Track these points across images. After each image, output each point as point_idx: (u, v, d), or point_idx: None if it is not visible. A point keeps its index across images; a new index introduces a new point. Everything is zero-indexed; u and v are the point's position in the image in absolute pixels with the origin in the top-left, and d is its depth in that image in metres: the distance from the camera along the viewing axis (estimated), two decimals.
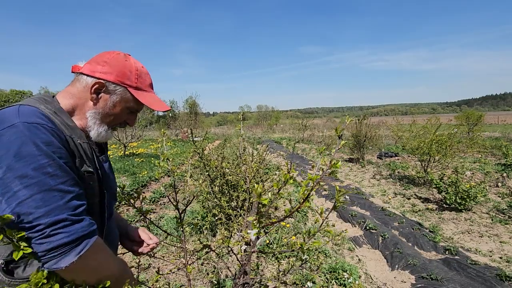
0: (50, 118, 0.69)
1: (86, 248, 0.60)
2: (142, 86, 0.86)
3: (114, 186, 0.98)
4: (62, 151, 0.65)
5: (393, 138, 13.89)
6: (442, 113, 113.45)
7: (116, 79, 0.81)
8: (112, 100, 0.83)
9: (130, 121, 0.93)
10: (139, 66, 0.87)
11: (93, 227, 0.64)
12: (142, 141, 16.69)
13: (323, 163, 0.67)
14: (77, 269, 0.61)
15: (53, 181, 0.59)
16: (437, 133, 6.15)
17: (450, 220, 4.25)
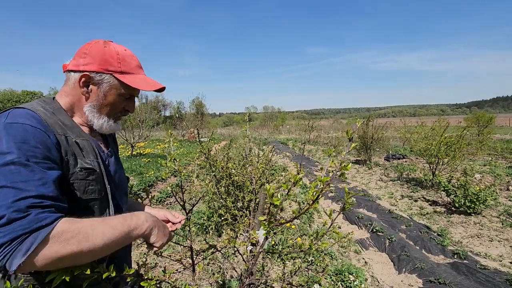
0: (41, 119, 0.70)
1: (33, 246, 0.54)
2: (127, 70, 0.84)
3: (121, 181, 0.96)
4: (38, 150, 0.63)
5: (400, 140, 13.73)
6: (451, 115, 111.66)
7: (99, 68, 0.80)
8: (102, 90, 0.83)
9: (129, 107, 0.92)
10: (120, 50, 0.84)
11: (42, 222, 0.56)
12: (149, 141, 16.86)
13: (332, 165, 0.67)
14: (40, 265, 0.56)
15: (9, 179, 0.58)
16: (446, 135, 6.06)
17: (459, 223, 4.18)
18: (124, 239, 0.69)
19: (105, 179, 0.83)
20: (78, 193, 0.75)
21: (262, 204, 1.69)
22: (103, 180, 0.82)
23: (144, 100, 23.21)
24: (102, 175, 0.82)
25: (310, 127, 19.05)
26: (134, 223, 0.72)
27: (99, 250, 0.63)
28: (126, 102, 0.89)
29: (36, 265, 0.56)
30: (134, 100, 0.93)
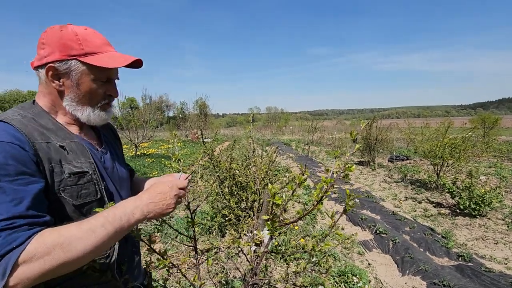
0: (15, 130, 0.66)
1: (8, 268, 0.52)
2: (92, 50, 0.76)
3: (122, 177, 0.92)
4: (10, 168, 0.59)
5: (405, 141, 13.65)
6: (456, 116, 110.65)
7: (61, 56, 0.73)
8: (73, 79, 0.76)
9: (111, 92, 0.84)
10: (80, 30, 0.76)
11: (12, 244, 0.54)
12: (153, 142, 16.95)
13: (336, 166, 0.68)
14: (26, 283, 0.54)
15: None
16: (451, 137, 6.02)
17: (463, 226, 4.15)
18: (111, 237, 0.63)
19: (100, 179, 0.79)
20: (71, 199, 0.71)
21: (266, 204, 1.69)
22: (99, 180, 0.79)
23: (148, 100, 23.29)
24: (98, 175, 0.79)
25: (314, 128, 19.02)
26: (119, 218, 0.65)
27: (86, 255, 0.59)
28: (106, 87, 0.82)
29: (23, 284, 0.54)
30: (114, 83, 0.86)
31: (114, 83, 0.86)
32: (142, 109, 13.49)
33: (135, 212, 0.69)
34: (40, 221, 0.61)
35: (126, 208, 0.68)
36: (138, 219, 0.69)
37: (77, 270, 0.69)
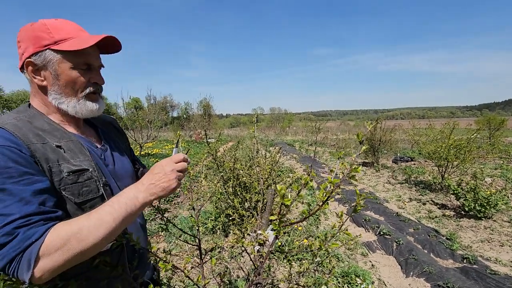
0: (10, 133, 0.67)
1: (32, 261, 0.56)
2: (63, 36, 0.75)
3: (124, 172, 0.92)
4: (11, 170, 0.61)
5: (409, 142, 13.56)
6: (462, 117, 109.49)
7: (35, 49, 0.73)
8: (52, 70, 0.75)
9: (95, 79, 0.82)
10: (49, 21, 0.75)
11: (31, 239, 0.57)
12: (157, 142, 17.05)
13: (342, 167, 0.69)
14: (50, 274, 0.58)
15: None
16: (456, 138, 5.97)
17: (468, 227, 4.12)
18: (119, 222, 0.65)
19: (101, 176, 0.80)
20: (72, 197, 0.72)
21: (270, 204, 1.70)
22: (99, 177, 0.79)
23: (153, 101, 23.43)
24: (98, 172, 0.79)
25: (317, 128, 18.98)
26: (124, 204, 0.67)
27: (99, 243, 0.62)
28: (88, 75, 0.80)
29: (48, 274, 0.58)
30: (96, 69, 0.83)
31: (96, 69, 0.83)
32: (147, 109, 13.58)
33: (138, 196, 0.69)
34: (53, 216, 0.63)
35: (129, 194, 0.70)
36: (143, 202, 0.70)
37: (90, 264, 0.73)
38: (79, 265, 0.67)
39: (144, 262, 0.97)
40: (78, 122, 0.86)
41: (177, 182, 0.75)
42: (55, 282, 0.70)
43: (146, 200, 0.70)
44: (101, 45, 0.81)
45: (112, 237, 0.65)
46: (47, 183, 0.67)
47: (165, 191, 0.73)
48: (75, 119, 0.84)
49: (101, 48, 0.83)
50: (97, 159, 0.82)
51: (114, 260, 0.81)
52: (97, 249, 0.63)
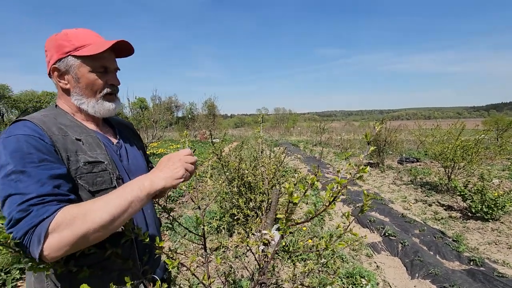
0: (35, 126, 0.74)
1: (42, 235, 0.60)
2: (82, 43, 0.83)
3: (137, 168, 0.98)
4: (32, 156, 0.68)
5: (414, 143, 13.43)
6: (469, 118, 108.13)
7: (59, 56, 0.82)
8: (73, 74, 0.84)
9: (112, 81, 0.90)
10: (70, 31, 0.84)
11: (43, 215, 0.62)
12: (162, 142, 17.16)
13: (349, 167, 0.69)
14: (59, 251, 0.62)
15: (13, 187, 0.65)
16: (463, 139, 5.90)
17: (475, 229, 4.07)
18: (126, 205, 0.68)
19: (115, 169, 0.86)
20: (87, 186, 0.78)
21: (275, 204, 1.71)
22: (113, 170, 0.85)
23: (158, 101, 23.58)
24: (113, 166, 0.85)
25: (322, 129, 18.92)
26: (130, 190, 0.71)
27: (104, 224, 0.65)
28: (105, 77, 0.88)
29: (55, 252, 0.62)
30: (112, 72, 0.91)
31: (114, 73, 0.91)
32: (152, 109, 13.67)
33: (145, 182, 0.73)
34: (65, 198, 0.69)
35: (137, 180, 0.74)
36: (150, 188, 0.72)
37: (103, 255, 0.77)
38: (94, 255, 0.75)
39: (154, 259, 1.00)
40: (98, 121, 0.94)
41: (184, 171, 0.78)
42: (70, 268, 0.74)
43: (153, 186, 0.73)
44: (116, 50, 0.89)
45: (117, 220, 0.67)
46: (64, 170, 0.73)
47: (172, 178, 0.76)
48: (95, 118, 0.92)
49: (116, 52, 0.91)
50: (112, 154, 0.90)
51: (125, 253, 0.85)
52: (103, 231, 0.66)
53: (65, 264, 0.74)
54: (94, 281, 0.74)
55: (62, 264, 0.73)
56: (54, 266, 0.70)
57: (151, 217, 1.02)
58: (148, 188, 0.72)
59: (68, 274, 0.75)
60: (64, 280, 0.77)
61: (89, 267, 0.77)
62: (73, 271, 0.75)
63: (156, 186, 0.73)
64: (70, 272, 0.75)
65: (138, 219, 0.94)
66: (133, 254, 0.89)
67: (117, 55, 0.92)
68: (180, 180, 0.77)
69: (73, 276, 0.75)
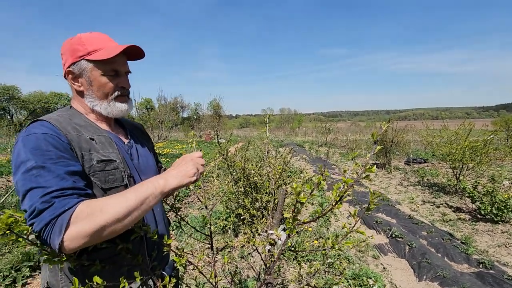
0: (52, 125, 0.78)
1: (64, 225, 0.63)
2: (94, 48, 0.86)
3: (147, 167, 1.01)
4: (51, 153, 0.72)
5: (422, 144, 13.28)
6: (478, 118, 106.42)
7: (73, 59, 0.85)
8: (86, 77, 0.87)
9: (123, 84, 0.93)
10: (83, 35, 0.88)
11: (65, 207, 0.66)
12: (168, 142, 17.27)
13: (355, 167, 0.69)
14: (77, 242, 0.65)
15: (34, 181, 0.68)
16: (471, 139, 5.80)
17: (484, 232, 4.00)
18: (141, 201, 0.71)
19: (126, 168, 0.89)
20: (99, 183, 0.81)
21: (281, 204, 1.71)
22: (124, 168, 0.88)
23: (164, 101, 23.75)
24: (124, 164, 0.89)
25: (327, 129, 18.82)
26: (145, 187, 0.75)
27: (120, 217, 0.68)
28: (117, 80, 0.91)
29: (74, 242, 0.64)
30: (123, 75, 0.94)
31: (125, 75, 0.94)
32: (158, 110, 13.78)
33: (159, 180, 0.77)
34: (83, 193, 0.73)
35: (152, 179, 0.78)
36: (164, 185, 0.77)
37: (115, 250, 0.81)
38: (105, 250, 0.80)
39: (162, 256, 1.03)
40: (110, 121, 0.98)
41: (195, 170, 0.84)
42: (82, 262, 0.77)
43: (167, 184, 0.77)
44: (127, 53, 0.92)
45: (132, 214, 0.70)
46: (79, 167, 0.77)
47: (185, 176, 0.81)
48: (107, 119, 0.96)
49: (127, 55, 0.94)
50: (124, 153, 0.93)
51: (135, 249, 0.88)
52: (119, 224, 0.69)
53: (78, 258, 0.77)
54: (105, 276, 0.76)
55: (75, 258, 0.76)
56: (68, 259, 0.73)
57: (160, 215, 1.05)
58: (162, 186, 0.76)
59: (80, 268, 0.79)
60: (77, 274, 0.80)
61: (101, 262, 0.80)
62: (85, 265, 0.78)
63: (170, 184, 0.78)
64: (83, 266, 0.78)
65: (147, 217, 0.96)
66: (143, 250, 0.91)
67: (129, 58, 0.95)
68: (193, 179, 0.82)
69: (86, 270, 0.79)
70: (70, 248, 0.64)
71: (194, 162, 0.85)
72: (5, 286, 2.67)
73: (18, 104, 42.66)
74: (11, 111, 43.12)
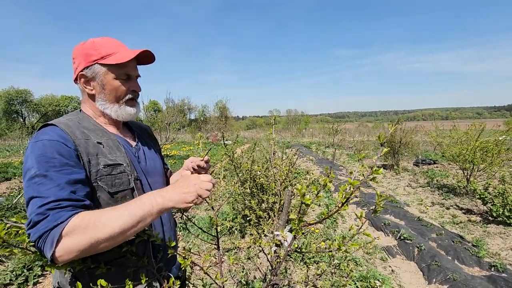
0: (61, 130, 0.79)
1: (55, 239, 0.64)
2: (107, 52, 0.88)
3: (155, 170, 1.03)
4: (55, 160, 0.73)
5: (431, 144, 13.06)
6: (489, 118, 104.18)
7: (86, 63, 0.87)
8: (99, 81, 0.88)
9: (134, 87, 0.95)
10: (97, 40, 0.90)
11: (58, 221, 0.66)
12: (175, 144, 17.42)
13: (362, 169, 0.69)
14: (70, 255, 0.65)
15: (35, 190, 0.69)
16: (482, 140, 5.69)
17: (496, 234, 3.91)
18: (137, 220, 0.71)
19: (133, 171, 0.89)
20: (106, 187, 0.82)
21: (287, 205, 1.71)
22: (131, 171, 0.88)
23: (171, 103, 23.94)
24: (131, 168, 0.89)
25: (334, 130, 18.69)
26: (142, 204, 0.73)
27: (114, 235, 0.68)
28: (128, 84, 0.93)
29: (66, 255, 0.65)
30: (134, 79, 0.96)
31: (136, 79, 0.96)
32: (165, 112, 13.92)
33: (158, 199, 0.75)
34: (80, 204, 0.72)
35: (150, 196, 0.76)
36: (161, 206, 0.75)
37: (119, 253, 0.82)
38: (110, 253, 0.78)
39: (169, 257, 1.02)
40: (119, 125, 1.00)
41: (194, 197, 0.78)
42: (87, 264, 0.78)
43: (164, 204, 0.75)
44: (138, 58, 0.93)
45: (127, 231, 0.70)
46: (82, 175, 0.77)
47: (181, 201, 0.77)
48: (116, 122, 0.98)
49: (138, 60, 0.96)
50: (131, 156, 0.94)
51: (140, 251, 0.89)
52: (113, 240, 0.69)
53: (83, 261, 0.78)
54: (110, 277, 0.78)
55: (80, 262, 0.77)
56: (71, 264, 0.74)
57: (166, 217, 1.05)
58: (160, 205, 0.75)
59: (86, 270, 0.80)
60: (83, 275, 0.81)
61: (106, 264, 0.81)
62: (91, 267, 0.79)
63: (167, 205, 0.76)
64: (89, 268, 0.79)
65: None
66: (148, 252, 0.92)
67: (139, 63, 0.97)
68: (189, 205, 0.78)
69: (92, 272, 0.80)
70: (62, 260, 0.66)
71: (197, 187, 0.78)
72: (18, 284, 2.74)
73: (31, 107, 43.73)
74: (23, 114, 44.22)
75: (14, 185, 7.02)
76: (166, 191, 0.78)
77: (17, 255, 3.28)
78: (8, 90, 40.67)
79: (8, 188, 6.62)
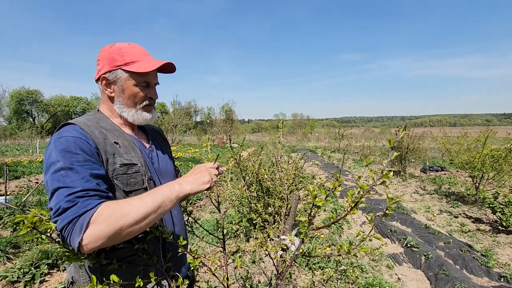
0: (81, 129, 0.83)
1: (84, 224, 0.66)
2: (132, 59, 0.91)
3: (167, 171, 1.06)
4: (79, 156, 0.76)
5: (439, 151, 12.89)
6: (499, 125, 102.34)
7: (110, 67, 0.90)
8: (120, 85, 0.92)
9: (151, 95, 0.98)
10: (123, 45, 0.93)
11: (87, 207, 0.69)
12: (181, 146, 17.53)
13: (370, 173, 0.69)
14: (96, 243, 0.67)
15: (61, 181, 0.72)
16: (493, 147, 5.59)
17: (506, 244, 3.83)
18: (158, 205, 0.75)
19: (147, 171, 0.93)
20: (121, 186, 0.85)
21: (294, 209, 1.70)
22: (145, 172, 0.92)
23: (178, 106, 24.14)
24: (145, 168, 0.92)
25: (340, 135, 18.59)
26: (162, 191, 0.78)
27: (138, 220, 0.71)
28: (147, 91, 0.96)
29: (93, 242, 0.67)
30: (153, 86, 0.99)
31: (153, 87, 0.99)
32: (172, 114, 14.05)
33: (175, 186, 0.81)
34: (105, 195, 0.77)
35: (169, 184, 0.82)
36: (179, 190, 0.80)
37: (131, 251, 0.85)
38: (122, 250, 0.84)
39: (178, 257, 1.04)
40: (134, 126, 1.03)
41: (209, 177, 0.87)
42: (100, 261, 0.81)
43: (182, 189, 0.81)
44: (159, 67, 0.96)
45: (149, 217, 0.74)
46: (103, 171, 0.81)
47: (199, 183, 0.85)
48: (131, 124, 1.01)
49: (159, 68, 0.98)
50: (145, 156, 0.97)
51: (150, 250, 0.91)
52: (136, 226, 0.72)
53: (97, 256, 0.81)
54: (121, 275, 0.80)
55: (93, 257, 0.80)
56: (86, 258, 0.77)
57: (177, 217, 1.08)
58: (177, 191, 0.80)
59: (99, 266, 0.83)
60: (95, 272, 0.84)
61: (118, 261, 0.83)
62: (103, 264, 0.82)
63: (185, 189, 0.81)
64: (101, 265, 0.83)
65: (165, 218, 1.00)
66: (158, 251, 0.94)
67: (159, 71, 1.00)
68: (207, 186, 0.86)
69: (104, 268, 0.83)
70: (88, 248, 0.67)
71: (208, 170, 0.89)
72: (25, 282, 2.78)
73: (41, 108, 44.53)
74: (33, 114, 45.05)
75: (23, 183, 7.14)
76: (182, 179, 0.85)
77: (25, 252, 3.32)
78: (19, 90, 41.48)
79: (18, 187, 6.73)
